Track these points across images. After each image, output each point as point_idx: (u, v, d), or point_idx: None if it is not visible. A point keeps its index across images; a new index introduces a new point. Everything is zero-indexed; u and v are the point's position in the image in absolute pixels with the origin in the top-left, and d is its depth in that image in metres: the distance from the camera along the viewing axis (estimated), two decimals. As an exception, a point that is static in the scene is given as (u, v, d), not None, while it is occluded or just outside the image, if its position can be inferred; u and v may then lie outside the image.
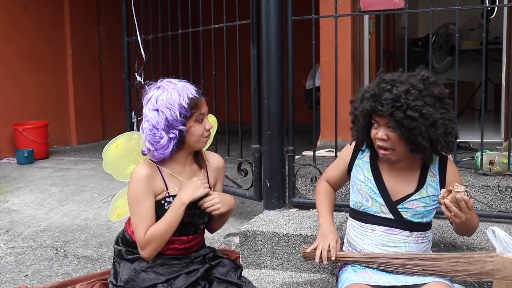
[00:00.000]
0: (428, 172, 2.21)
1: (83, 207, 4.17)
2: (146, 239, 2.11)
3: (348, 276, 2.15)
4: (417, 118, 1.98)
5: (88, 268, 2.98)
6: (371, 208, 2.22)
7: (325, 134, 4.63)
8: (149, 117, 2.09)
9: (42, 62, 6.80)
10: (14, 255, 3.21)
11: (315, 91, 3.47)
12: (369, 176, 2.24)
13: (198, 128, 2.12)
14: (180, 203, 2.12)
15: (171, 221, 2.12)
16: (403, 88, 2.01)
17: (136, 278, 2.14)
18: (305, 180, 3.32)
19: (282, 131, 3.20)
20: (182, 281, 2.13)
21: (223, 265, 2.23)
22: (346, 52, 4.49)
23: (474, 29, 7.91)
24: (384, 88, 2.05)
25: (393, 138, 2.06)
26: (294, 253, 2.85)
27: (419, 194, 2.18)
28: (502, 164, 3.11)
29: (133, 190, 2.13)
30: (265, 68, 3.18)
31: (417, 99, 2.00)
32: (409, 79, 2.06)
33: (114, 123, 7.78)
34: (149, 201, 2.13)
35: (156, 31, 4.48)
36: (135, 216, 2.13)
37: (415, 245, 2.19)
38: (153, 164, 2.16)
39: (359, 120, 2.16)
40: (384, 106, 2.01)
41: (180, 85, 2.11)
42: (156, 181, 2.15)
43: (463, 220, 2.04)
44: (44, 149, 6.21)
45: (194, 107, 2.10)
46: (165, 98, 2.06)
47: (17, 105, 6.45)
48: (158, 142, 2.08)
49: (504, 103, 4.59)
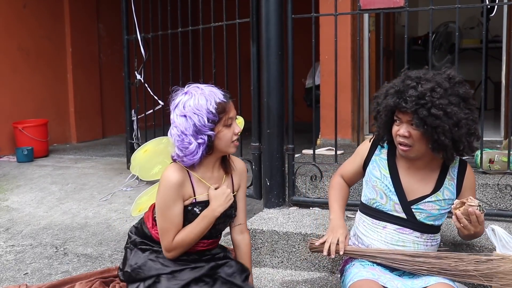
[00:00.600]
0: (447, 175, 2.21)
1: (83, 205, 4.17)
2: (174, 245, 2.14)
3: (357, 271, 2.14)
4: (441, 117, 1.97)
5: (88, 267, 2.98)
6: (384, 206, 2.22)
7: (325, 133, 4.64)
8: (177, 123, 2.07)
9: (42, 60, 6.80)
10: (14, 253, 3.21)
11: (315, 90, 3.46)
12: (386, 173, 2.24)
13: (227, 132, 2.11)
14: (213, 215, 2.14)
15: (200, 230, 2.14)
16: (429, 86, 2.00)
17: (143, 266, 2.17)
18: (305, 179, 3.32)
19: (282, 130, 3.20)
20: (186, 275, 2.14)
21: (230, 266, 2.22)
22: (346, 51, 4.50)
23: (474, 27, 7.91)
24: (409, 85, 2.04)
25: (415, 135, 2.06)
26: (294, 252, 2.85)
27: (435, 197, 2.18)
28: (502, 162, 3.11)
29: (164, 196, 2.12)
30: (265, 66, 3.18)
31: (442, 98, 1.99)
32: (435, 77, 2.06)
33: (114, 121, 7.78)
34: (179, 207, 2.13)
35: (156, 29, 4.48)
36: (165, 221, 2.13)
37: (423, 247, 2.20)
38: (183, 168, 2.15)
39: (382, 116, 2.15)
40: (408, 103, 2.00)
41: (207, 90, 2.10)
42: (186, 187, 2.14)
43: (471, 232, 2.06)
44: (44, 147, 6.21)
45: (222, 112, 2.09)
46: (193, 104, 2.05)
47: (17, 103, 6.45)
48: (187, 148, 2.07)
49: (504, 102, 4.59)
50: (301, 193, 3.32)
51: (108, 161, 5.81)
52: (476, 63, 6.44)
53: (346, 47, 4.49)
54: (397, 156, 2.24)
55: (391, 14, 5.78)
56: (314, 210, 3.20)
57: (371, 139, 2.35)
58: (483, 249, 2.53)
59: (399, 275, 2.17)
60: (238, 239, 2.35)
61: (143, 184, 4.63)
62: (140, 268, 2.18)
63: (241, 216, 2.35)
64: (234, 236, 2.36)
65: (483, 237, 2.62)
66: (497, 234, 2.22)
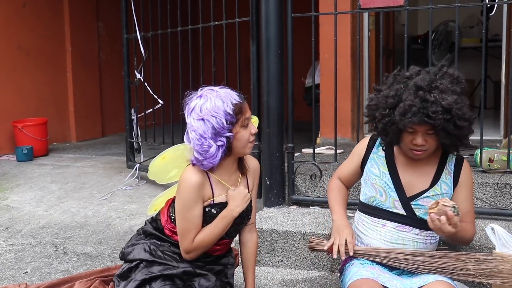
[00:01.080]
0: (444, 169, 2.23)
1: (82, 204, 4.17)
2: (195, 246, 2.15)
3: (357, 270, 2.14)
4: (465, 126, 2.05)
5: (87, 265, 2.98)
6: (384, 203, 2.22)
7: (324, 132, 4.63)
8: (195, 127, 2.06)
9: (42, 59, 6.79)
10: (13, 252, 3.21)
11: (314, 89, 3.46)
12: (385, 170, 2.25)
13: (244, 133, 2.11)
14: (231, 215, 2.15)
15: (219, 231, 2.16)
16: (451, 100, 1.99)
17: (135, 250, 2.25)
18: (304, 178, 3.32)
19: (281, 129, 3.20)
20: (157, 269, 2.17)
21: (208, 280, 2.20)
22: (346, 50, 4.49)
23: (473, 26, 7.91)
24: (427, 99, 2.00)
25: (430, 142, 2.08)
26: (293, 251, 2.85)
27: (433, 191, 2.19)
28: (501, 161, 3.11)
29: (184, 197, 2.12)
30: (264, 65, 3.18)
31: (463, 107, 2.03)
32: (443, 80, 2.06)
33: (113, 121, 7.78)
34: (199, 208, 2.14)
35: (155, 28, 4.48)
36: (185, 222, 2.14)
37: (423, 245, 2.20)
38: (202, 171, 2.15)
39: (394, 128, 2.10)
40: (436, 120, 1.99)
41: (223, 91, 2.09)
42: (205, 188, 2.15)
43: (445, 235, 2.05)
44: (43, 146, 6.21)
45: (239, 113, 2.08)
46: (210, 106, 2.04)
47: (16, 102, 6.45)
48: (207, 151, 2.06)
49: (503, 101, 4.59)
50: (300, 192, 3.32)
51: (108, 160, 5.81)
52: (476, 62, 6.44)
53: (346, 46, 4.49)
54: (395, 152, 2.25)
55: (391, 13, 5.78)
56: (314, 209, 3.20)
57: (372, 136, 2.35)
58: (482, 248, 2.53)
59: (398, 274, 2.17)
60: (246, 238, 2.37)
61: (143, 183, 4.64)
62: (133, 250, 2.25)
63: (253, 216, 2.37)
64: (244, 235, 2.37)
65: (482, 236, 2.62)
66: (496, 233, 2.22)
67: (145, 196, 4.29)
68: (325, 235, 2.79)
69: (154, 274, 2.15)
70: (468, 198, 2.25)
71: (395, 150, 2.25)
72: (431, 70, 2.13)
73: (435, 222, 2.01)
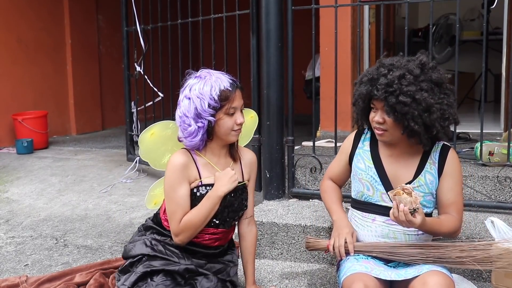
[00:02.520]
0: (428, 159, 2.20)
1: (82, 197, 4.18)
2: (181, 227, 2.17)
3: (350, 265, 2.14)
4: (409, 103, 2.00)
5: (88, 258, 2.99)
6: (372, 197, 2.23)
7: (324, 125, 4.63)
8: (181, 104, 2.16)
9: (41, 52, 6.78)
10: (14, 245, 3.21)
11: (314, 82, 3.46)
12: (370, 164, 2.25)
13: (227, 121, 2.15)
14: (216, 195, 2.17)
15: (206, 212, 2.17)
16: (398, 74, 2.03)
17: (137, 245, 2.26)
18: (304, 171, 3.32)
19: (281, 122, 3.20)
20: (158, 263, 2.18)
21: (209, 280, 2.20)
22: (346, 43, 4.48)
23: (474, 19, 7.89)
24: (381, 72, 2.08)
25: (388, 122, 2.09)
26: (293, 243, 2.86)
27: (418, 182, 2.18)
28: (501, 154, 3.11)
29: (169, 178, 2.18)
30: (264, 58, 3.17)
31: (411, 85, 2.01)
32: (407, 64, 2.08)
33: (113, 113, 7.78)
34: (184, 189, 2.17)
35: (155, 21, 4.46)
36: (171, 204, 2.18)
37: (415, 236, 2.19)
38: (187, 153, 2.21)
39: (359, 103, 2.19)
40: (379, 91, 2.05)
41: (215, 76, 2.15)
42: (190, 170, 2.19)
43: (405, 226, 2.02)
44: (43, 139, 6.21)
45: (225, 100, 2.12)
46: (197, 88, 2.12)
47: (16, 95, 6.44)
48: (186, 129, 2.15)
49: (504, 94, 4.59)
50: (300, 185, 3.32)
51: (108, 153, 5.81)
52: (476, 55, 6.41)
53: (346, 39, 4.48)
54: (379, 145, 2.26)
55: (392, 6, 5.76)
56: (314, 202, 3.21)
57: (357, 132, 2.38)
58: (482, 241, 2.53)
59: (393, 266, 2.18)
60: (245, 231, 2.39)
61: (143, 176, 4.64)
62: (134, 246, 2.27)
63: (250, 209, 2.39)
64: (242, 228, 2.39)
65: (482, 228, 2.63)
66: (496, 226, 2.23)
67: (145, 189, 4.28)
68: (325, 228, 2.79)
69: (156, 268, 2.16)
70: (453, 188, 2.19)
71: (380, 144, 2.26)
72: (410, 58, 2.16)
73: (393, 210, 2.00)
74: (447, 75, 2.14)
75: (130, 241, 2.35)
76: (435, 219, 2.13)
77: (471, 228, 2.67)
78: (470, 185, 2.99)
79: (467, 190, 2.98)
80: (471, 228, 2.66)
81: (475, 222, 2.75)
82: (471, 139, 4.01)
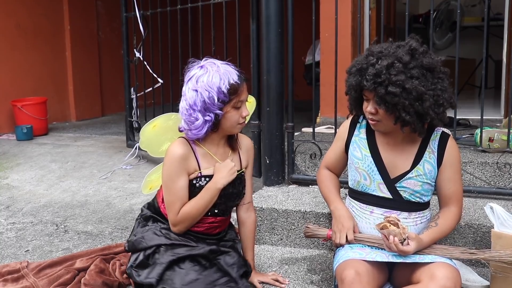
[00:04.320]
0: (427, 148, 2.15)
1: (82, 183, 4.18)
2: (179, 218, 2.16)
3: (344, 252, 2.13)
4: (399, 94, 1.92)
5: (88, 244, 3.00)
6: (369, 187, 2.19)
7: (324, 111, 4.62)
8: (187, 96, 2.08)
9: (40, 38, 6.75)
10: (14, 231, 3.22)
11: (315, 67, 3.44)
12: (367, 153, 2.20)
13: (234, 114, 2.12)
14: (215, 187, 2.15)
15: (204, 203, 2.16)
16: (386, 63, 1.95)
17: (146, 236, 2.22)
18: (304, 157, 3.32)
19: (281, 108, 3.19)
20: (183, 250, 2.16)
21: (232, 257, 2.21)
22: (347, 28, 4.46)
23: (475, 5, 7.84)
24: (370, 61, 2.00)
25: (380, 112, 2.02)
26: (293, 229, 2.87)
27: (416, 171, 2.13)
28: (501, 141, 3.11)
29: (168, 169, 2.14)
30: (264, 44, 3.15)
31: (400, 73, 1.93)
32: (397, 50, 2.00)
33: (113, 100, 7.76)
34: (183, 180, 2.15)
35: (155, 7, 4.44)
36: (169, 194, 2.16)
37: (414, 227, 2.16)
38: (187, 143, 2.17)
39: (351, 93, 2.14)
40: (368, 81, 1.98)
41: (223, 68, 2.09)
42: (190, 161, 2.16)
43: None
44: (43, 126, 6.21)
45: (234, 94, 2.08)
46: (206, 80, 2.05)
47: (15, 81, 6.42)
48: (193, 122, 2.09)
49: (504, 80, 4.57)
50: (300, 171, 3.32)
51: (108, 139, 5.81)
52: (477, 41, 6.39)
53: (347, 25, 4.45)
54: (376, 133, 2.20)
55: (392, -9, 5.72)
56: (314, 188, 3.21)
57: (347, 116, 2.32)
58: (481, 227, 2.54)
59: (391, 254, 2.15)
60: (244, 217, 2.38)
61: (143, 162, 4.64)
62: (143, 238, 2.22)
63: (248, 195, 2.37)
64: (241, 214, 2.38)
65: (481, 214, 2.63)
66: (495, 212, 2.23)
67: (145, 175, 4.29)
68: (324, 214, 2.80)
69: (181, 254, 2.14)
70: (453, 178, 2.15)
71: (376, 132, 2.20)
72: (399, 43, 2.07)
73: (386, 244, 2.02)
74: (439, 58, 2.06)
75: (134, 233, 2.31)
76: (433, 231, 2.09)
77: (470, 214, 2.67)
78: (469, 171, 2.99)
79: (467, 176, 2.98)
80: (470, 214, 2.66)
81: (474, 208, 2.75)
82: (471, 125, 4.01)
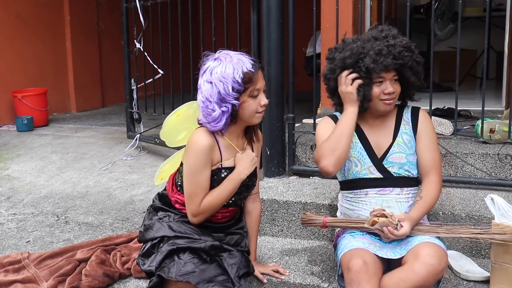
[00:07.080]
0: (402, 121, 2.29)
1: (83, 174, 4.19)
2: (202, 208, 2.16)
3: (347, 242, 2.16)
4: (422, 61, 2.20)
5: (89, 235, 3.01)
6: (360, 172, 2.26)
7: (325, 102, 4.60)
8: (203, 89, 2.09)
9: (40, 29, 6.73)
10: (15, 222, 3.23)
11: (315, 58, 3.43)
12: (356, 139, 2.28)
13: (252, 103, 2.11)
14: (239, 177, 2.17)
15: (227, 194, 2.17)
16: (407, 39, 2.18)
17: (153, 227, 2.24)
18: (305, 148, 3.32)
19: (282, 99, 3.19)
20: (183, 241, 2.17)
21: (234, 256, 2.20)
22: (347, 19, 4.43)
23: (477, -5, 7.79)
24: (389, 43, 2.13)
25: (396, 88, 2.19)
26: (293, 220, 2.87)
27: (397, 144, 2.25)
28: (502, 132, 3.10)
29: (193, 160, 2.13)
30: (265, 34, 3.14)
31: (403, 39, 2.19)
32: (370, 33, 2.23)
33: (113, 90, 7.74)
34: (208, 171, 2.16)
35: (155, -3, 4.42)
36: (192, 185, 2.15)
37: (406, 203, 2.23)
38: (212, 134, 2.17)
39: (364, 82, 2.16)
40: (404, 58, 2.12)
41: (236, 58, 2.08)
42: (214, 152, 2.16)
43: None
44: (43, 117, 6.20)
45: (248, 82, 2.07)
46: (219, 71, 2.05)
47: (15, 72, 6.41)
48: (210, 114, 2.09)
49: (506, 71, 4.56)
50: (301, 162, 3.32)
51: (108, 130, 5.80)
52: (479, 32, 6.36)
53: (348, 16, 4.42)
54: (358, 119, 2.25)
55: (394, -18, 5.69)
56: (314, 179, 3.21)
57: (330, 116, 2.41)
58: (482, 218, 2.54)
59: (388, 242, 2.18)
60: (251, 207, 2.41)
61: (143, 153, 4.64)
62: (151, 228, 2.25)
63: (256, 186, 2.38)
64: (248, 204, 2.40)
65: (482, 206, 2.63)
66: (496, 203, 2.23)
67: (145, 166, 4.29)
68: (325, 205, 2.80)
69: (181, 245, 2.15)
70: (430, 146, 2.27)
71: (358, 118, 2.25)
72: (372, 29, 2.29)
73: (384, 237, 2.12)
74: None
75: (144, 223, 2.33)
76: (420, 205, 2.18)
77: (471, 205, 2.67)
78: (470, 162, 2.98)
79: (468, 167, 2.98)
80: (471, 206, 2.66)
81: (475, 199, 2.75)
82: (472, 117, 4.00)
